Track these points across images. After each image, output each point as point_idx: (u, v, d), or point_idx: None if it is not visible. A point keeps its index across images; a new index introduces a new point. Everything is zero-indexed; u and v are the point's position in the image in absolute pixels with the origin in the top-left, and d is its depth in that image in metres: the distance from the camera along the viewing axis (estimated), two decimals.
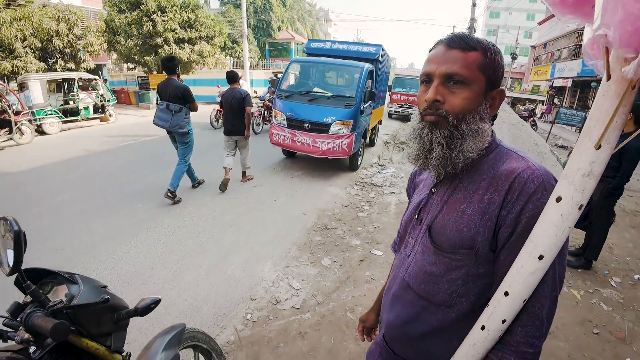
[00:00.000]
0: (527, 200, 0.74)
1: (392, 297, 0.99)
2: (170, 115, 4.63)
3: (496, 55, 0.82)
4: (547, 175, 0.76)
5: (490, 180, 0.80)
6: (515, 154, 0.83)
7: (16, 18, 12.34)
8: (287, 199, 5.09)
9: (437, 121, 0.82)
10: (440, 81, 0.80)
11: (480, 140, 0.81)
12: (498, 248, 0.79)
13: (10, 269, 0.87)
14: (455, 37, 0.82)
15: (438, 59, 0.81)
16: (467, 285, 0.83)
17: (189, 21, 17.77)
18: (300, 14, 41.52)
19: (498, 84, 0.84)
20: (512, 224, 0.75)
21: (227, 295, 2.90)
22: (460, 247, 0.81)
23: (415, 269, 0.92)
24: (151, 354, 1.36)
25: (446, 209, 0.86)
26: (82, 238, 3.80)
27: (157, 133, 10.46)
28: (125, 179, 5.95)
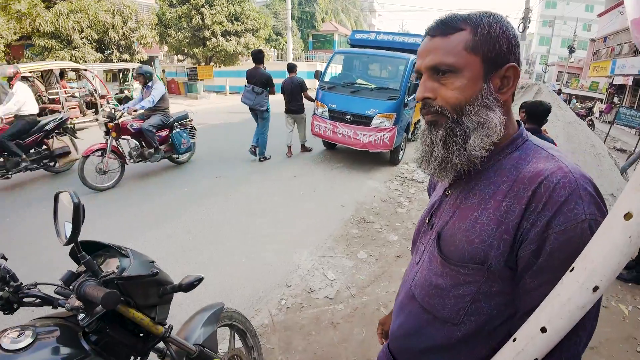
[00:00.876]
0: (556, 210, 0.60)
1: (398, 305, 0.92)
2: (255, 96, 5.98)
3: (492, 28, 0.68)
4: (584, 179, 0.62)
5: (511, 183, 0.67)
6: (544, 151, 0.70)
7: (72, 10, 13.30)
8: (326, 190, 5.10)
9: (435, 120, 0.73)
10: (427, 75, 0.72)
11: (487, 133, 0.69)
12: (520, 268, 0.65)
13: (68, 240, 0.93)
14: (436, 23, 0.71)
15: (422, 51, 0.72)
16: (476, 304, 0.71)
17: (235, 14, 18.20)
18: (344, 5, 41.04)
19: (504, 60, 0.69)
20: (536, 240, 0.61)
21: (263, 280, 2.98)
22: (469, 260, 0.70)
23: (420, 279, 0.83)
24: (191, 329, 1.44)
25: (458, 215, 0.75)
26: (131, 216, 4.07)
27: (204, 122, 10.90)
28: (172, 164, 6.27)
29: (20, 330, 0.89)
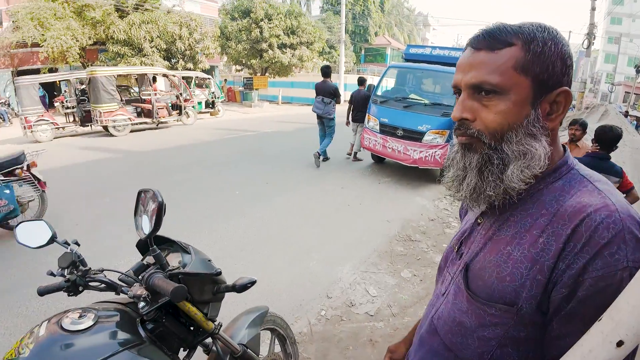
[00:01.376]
0: (595, 253, 0.52)
1: (420, 338, 0.83)
2: (324, 106, 6.72)
3: (547, 45, 0.59)
4: (632, 220, 0.54)
5: (551, 217, 0.59)
6: (590, 183, 0.61)
7: (144, 21, 14.61)
8: (372, 204, 5.04)
9: (469, 143, 0.65)
10: (467, 94, 0.63)
11: (529, 164, 0.60)
12: (550, 312, 0.57)
13: (148, 234, 1.00)
14: (482, 33, 0.62)
15: (464, 65, 0.64)
16: (503, 349, 0.63)
17: (291, 27, 18.90)
18: (398, 19, 40.96)
19: (557, 83, 0.60)
20: (570, 283, 0.54)
21: (305, 289, 2.99)
22: (498, 299, 0.62)
23: (444, 313, 0.74)
24: (237, 328, 1.48)
25: (489, 248, 0.67)
26: (186, 215, 4.31)
27: (257, 129, 11.35)
28: (226, 167, 6.62)
29: (82, 312, 0.94)
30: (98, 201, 4.74)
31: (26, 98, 9.04)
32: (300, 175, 6.23)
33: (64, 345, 0.87)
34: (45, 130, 9.32)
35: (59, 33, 13.11)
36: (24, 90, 9.02)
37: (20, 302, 2.67)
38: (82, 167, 6.71)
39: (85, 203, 4.70)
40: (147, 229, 1.00)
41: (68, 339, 0.88)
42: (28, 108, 9.03)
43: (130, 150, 8.18)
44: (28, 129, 9.02)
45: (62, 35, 13.17)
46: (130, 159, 7.40)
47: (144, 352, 0.96)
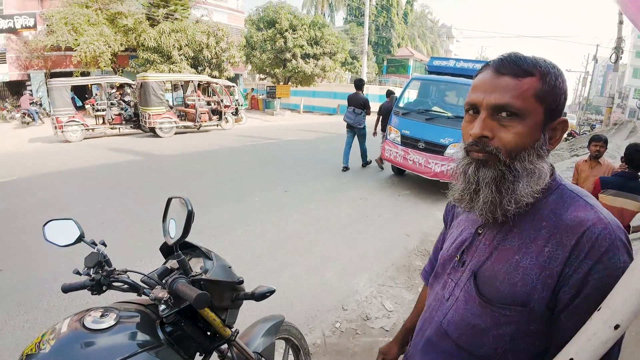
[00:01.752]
0: (597, 260, 0.64)
1: (425, 341, 0.88)
2: (354, 116, 7.10)
3: (557, 80, 0.69)
4: (620, 230, 0.66)
5: (552, 229, 0.69)
6: (581, 199, 0.71)
7: (174, 30, 15.14)
8: (391, 217, 4.98)
9: (485, 159, 0.70)
10: (488, 113, 0.69)
11: (536, 181, 0.69)
12: (558, 308, 0.68)
13: (175, 241, 1.02)
14: (507, 60, 0.70)
15: (486, 86, 0.70)
16: (515, 342, 0.72)
17: (315, 38, 19.15)
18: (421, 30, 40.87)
19: (559, 113, 0.71)
20: (577, 285, 0.65)
21: (321, 299, 2.96)
22: (512, 302, 0.71)
23: (456, 317, 0.80)
24: (253, 336, 1.47)
25: (496, 257, 0.74)
26: (205, 220, 4.37)
27: (279, 137, 11.48)
28: (246, 173, 6.70)
29: (104, 311, 0.96)
30: (122, 201, 4.88)
31: (58, 99, 9.50)
32: (320, 185, 6.24)
33: (84, 343, 0.88)
34: (75, 131, 9.74)
35: (92, 39, 13.73)
36: (57, 92, 9.48)
37: (41, 297, 2.76)
38: (108, 168, 6.94)
39: (109, 203, 4.85)
40: (175, 235, 1.02)
41: (89, 337, 0.89)
42: (60, 109, 9.47)
43: (155, 153, 8.41)
44: (59, 128, 9.46)
45: (95, 40, 13.79)
46: (153, 162, 7.61)
47: (161, 355, 0.96)
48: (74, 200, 4.98)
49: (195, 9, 18.48)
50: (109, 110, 10.55)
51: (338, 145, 7.46)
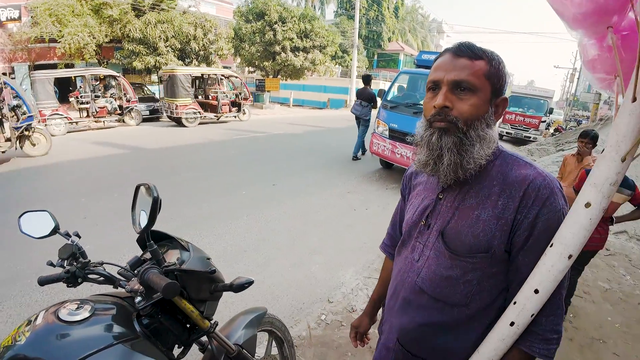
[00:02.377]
0: (542, 205, 0.78)
1: (402, 301, 0.99)
2: (361, 108, 7.68)
3: (500, 65, 0.84)
4: (555, 181, 0.82)
5: (501, 186, 0.83)
6: (521, 160, 0.87)
7: (160, 21, 14.83)
8: (379, 210, 5.01)
9: (447, 127, 0.83)
10: (448, 88, 0.82)
11: (487, 145, 0.84)
12: (514, 250, 0.82)
13: (142, 229, 1.01)
14: (463, 45, 0.84)
15: (446, 66, 0.83)
16: (481, 284, 0.86)
17: (305, 31, 18.99)
18: (412, 25, 40.83)
19: (501, 92, 0.86)
20: (529, 227, 0.80)
21: (306, 292, 2.98)
22: (477, 251, 0.84)
23: (429, 273, 0.92)
24: (233, 328, 1.47)
25: (459, 215, 0.87)
26: (192, 213, 4.34)
27: (267, 131, 11.41)
28: (234, 167, 6.65)
29: (80, 303, 0.95)
30: (106, 195, 4.81)
31: (41, 92, 9.26)
32: (308, 178, 6.23)
33: (59, 335, 0.88)
34: (59, 125, 9.51)
35: (76, 30, 13.35)
36: (40, 85, 9.24)
37: (23, 292, 2.72)
38: (93, 161, 6.82)
39: (93, 197, 4.76)
40: (144, 224, 1.00)
41: (64, 329, 0.88)
42: (43, 102, 9.23)
43: (141, 146, 8.28)
44: (42, 122, 9.21)
45: (79, 32, 13.40)
46: (140, 155, 7.49)
47: (137, 347, 0.96)
48: (56, 195, 4.88)
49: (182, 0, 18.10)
50: (93, 102, 10.33)
51: (327, 139, 7.47)
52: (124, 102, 11.07)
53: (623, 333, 2.69)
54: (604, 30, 0.74)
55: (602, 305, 3.04)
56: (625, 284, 3.43)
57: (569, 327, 2.70)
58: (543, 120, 14.21)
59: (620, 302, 3.11)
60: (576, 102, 37.59)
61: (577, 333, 2.64)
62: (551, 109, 15.21)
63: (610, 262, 3.88)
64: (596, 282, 3.40)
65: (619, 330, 2.72)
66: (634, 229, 4.69)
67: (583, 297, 3.13)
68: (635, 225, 4.70)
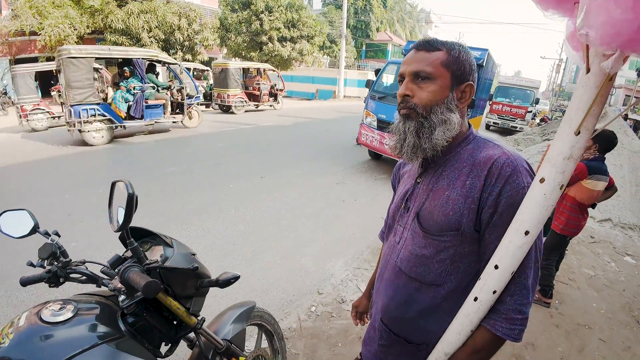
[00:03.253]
0: (504, 182, 0.82)
1: (385, 282, 1.05)
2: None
3: (460, 53, 0.89)
4: (520, 159, 0.85)
5: (470, 167, 0.88)
6: (491, 142, 0.92)
7: (143, 11, 14.44)
8: (368, 201, 5.03)
9: (408, 114, 0.91)
10: (409, 79, 0.90)
11: (449, 128, 0.89)
12: (482, 228, 0.86)
13: (119, 227, 0.98)
14: (422, 41, 0.91)
15: (409, 60, 0.91)
16: (455, 264, 0.90)
17: (292, 21, 18.75)
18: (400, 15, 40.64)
19: (466, 78, 0.91)
20: (493, 204, 0.83)
21: (296, 284, 2.98)
22: (447, 229, 0.88)
23: (406, 253, 0.98)
24: (222, 323, 1.46)
25: (432, 196, 0.92)
26: (179, 207, 4.29)
27: (255, 123, 11.30)
28: (222, 160, 6.57)
29: (62, 304, 0.93)
30: (93, 190, 4.71)
31: (22, 86, 8.96)
32: (296, 170, 6.20)
33: (42, 336, 0.87)
34: (41, 120, 9.23)
35: (56, 21, 12.92)
36: (21, 79, 8.94)
37: (10, 292, 2.66)
38: (76, 156, 6.65)
39: (78, 193, 4.66)
40: (120, 221, 0.98)
41: (47, 331, 0.87)
42: (24, 97, 8.95)
43: (125, 140, 8.11)
44: (24, 117, 8.94)
45: (59, 23, 12.98)
46: (126, 149, 7.34)
47: (122, 346, 0.95)
48: (40, 192, 4.75)
49: None
50: None
51: (315, 130, 7.42)
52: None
53: (608, 319, 2.77)
54: (572, 6, 0.72)
55: (587, 291, 3.12)
56: (610, 271, 3.53)
57: (554, 313, 2.77)
58: (529, 111, 14.40)
59: (605, 288, 3.20)
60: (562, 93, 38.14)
61: (563, 319, 2.71)
62: (537, 99, 15.42)
63: (595, 249, 3.98)
64: (581, 269, 3.49)
65: (605, 316, 2.80)
66: (618, 217, 4.82)
67: (568, 283, 3.21)
68: (619, 213, 4.83)
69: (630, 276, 3.48)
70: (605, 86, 0.68)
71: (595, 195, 2.66)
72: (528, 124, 14.55)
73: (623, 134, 7.58)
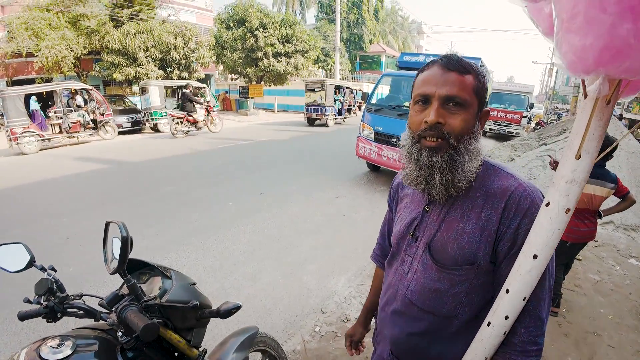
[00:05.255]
0: (523, 216, 0.80)
1: (392, 313, 1.00)
2: None
3: (484, 79, 0.86)
4: (537, 191, 0.83)
5: (484, 197, 0.84)
6: (502, 171, 0.88)
7: (139, 31, 14.63)
8: (368, 214, 4.99)
9: (438, 146, 0.82)
10: (440, 103, 0.81)
11: (477, 159, 0.85)
12: (499, 260, 0.83)
13: (114, 270, 0.96)
14: (452, 58, 0.83)
15: (436, 80, 0.82)
16: (469, 296, 0.87)
17: (286, 36, 19.00)
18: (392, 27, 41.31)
19: (484, 104, 0.87)
20: (511, 238, 0.81)
21: (299, 304, 2.93)
22: (462, 263, 0.84)
23: (417, 286, 0.93)
24: (224, 352, 1.42)
25: (444, 228, 0.88)
26: (178, 228, 4.24)
27: (253, 138, 11.32)
28: (220, 177, 6.54)
29: (61, 340, 0.91)
30: (89, 213, 4.67)
31: (12, 109, 8.96)
32: (295, 185, 6.18)
33: None
34: (31, 142, 9.22)
35: (53, 43, 13.07)
36: (10, 102, 8.94)
37: (10, 320, 2.61)
38: (71, 179, 6.63)
39: (75, 216, 4.62)
40: (115, 262, 0.96)
41: None
42: (14, 120, 8.95)
43: (122, 160, 8.10)
44: (14, 140, 8.93)
45: (56, 45, 13.12)
46: (122, 170, 7.32)
47: None
48: (37, 216, 4.71)
49: (162, 9, 17.88)
50: (66, 117, 10.06)
51: (313, 144, 7.41)
52: (98, 116, 10.82)
53: (616, 324, 2.72)
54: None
55: (594, 297, 3.08)
56: (615, 275, 3.48)
57: (563, 322, 2.72)
58: (524, 115, 14.52)
59: (611, 293, 3.16)
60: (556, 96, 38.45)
61: (571, 328, 2.66)
62: (532, 103, 15.56)
63: (599, 253, 3.94)
64: (586, 275, 3.45)
65: (613, 321, 2.75)
66: (620, 219, 4.79)
67: (575, 290, 3.16)
68: (621, 216, 4.80)
69: (636, 279, 3.43)
70: (600, 110, 0.68)
71: (594, 201, 2.63)
72: (524, 129, 14.63)
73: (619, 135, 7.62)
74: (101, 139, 11.04)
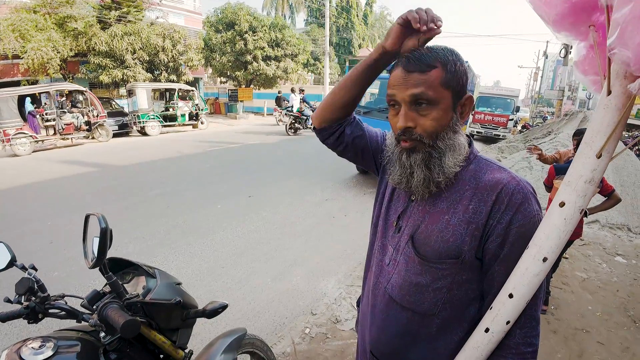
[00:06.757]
0: (515, 211, 0.76)
1: (373, 309, 0.97)
2: None
3: (457, 65, 0.78)
4: (529, 185, 0.80)
5: (473, 190, 0.81)
6: (495, 165, 0.85)
7: (127, 33, 14.45)
8: (358, 216, 5.00)
9: (413, 146, 0.81)
10: (407, 107, 0.79)
11: (458, 153, 0.82)
12: (488, 257, 0.79)
13: (93, 264, 0.94)
14: (412, 59, 0.78)
15: (399, 84, 0.79)
16: (451, 292, 0.83)
17: (276, 40, 18.99)
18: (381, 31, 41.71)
19: (464, 91, 0.81)
20: (502, 233, 0.76)
21: (289, 306, 2.90)
22: (446, 256, 0.81)
23: (398, 280, 0.89)
24: (211, 354, 1.39)
25: (429, 219, 0.85)
26: (165, 231, 4.18)
27: (241, 141, 11.26)
28: (209, 180, 6.48)
29: (42, 341, 0.89)
30: (74, 216, 4.57)
31: (4, 110, 8.81)
32: (284, 188, 6.16)
33: None
34: (24, 144, 9.04)
35: (39, 44, 12.81)
36: (2, 103, 8.78)
37: None
38: (58, 181, 6.48)
39: (59, 220, 4.51)
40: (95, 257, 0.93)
41: None
42: (6, 121, 8.78)
43: (110, 163, 7.97)
44: (6, 142, 8.75)
45: (42, 46, 12.87)
46: (109, 173, 7.20)
47: None
48: (22, 219, 4.59)
49: (150, 11, 17.69)
50: (59, 119, 9.90)
51: (303, 147, 7.40)
52: (92, 118, 10.66)
53: (605, 321, 2.76)
54: (587, 29, 0.70)
55: (582, 294, 3.13)
56: (602, 272, 3.55)
57: (551, 319, 2.76)
58: (511, 119, 14.80)
59: (599, 290, 3.21)
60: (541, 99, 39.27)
61: (560, 325, 2.70)
62: (518, 107, 15.88)
63: (586, 251, 4.01)
64: (574, 272, 3.50)
65: (601, 318, 2.80)
66: (606, 218, 4.90)
67: (562, 288, 3.21)
68: (607, 214, 4.90)
69: (623, 276, 3.50)
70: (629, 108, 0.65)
71: None
72: (510, 132, 14.90)
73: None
74: (95, 141, 10.88)
